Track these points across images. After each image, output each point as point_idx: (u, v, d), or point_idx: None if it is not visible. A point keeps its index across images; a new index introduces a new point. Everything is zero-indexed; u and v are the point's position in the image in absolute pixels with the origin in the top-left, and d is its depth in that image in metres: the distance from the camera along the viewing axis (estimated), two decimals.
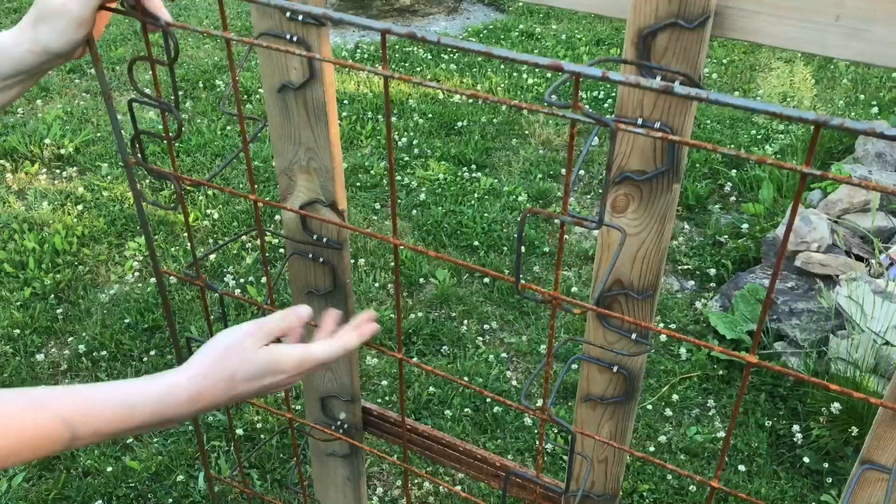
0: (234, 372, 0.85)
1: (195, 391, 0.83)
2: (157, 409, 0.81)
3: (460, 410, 2.71)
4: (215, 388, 0.84)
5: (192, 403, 0.83)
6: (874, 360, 2.57)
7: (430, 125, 4.36)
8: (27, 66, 0.81)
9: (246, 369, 0.85)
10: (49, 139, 4.09)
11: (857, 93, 4.69)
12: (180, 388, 0.82)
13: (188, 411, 0.83)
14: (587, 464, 1.18)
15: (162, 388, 0.82)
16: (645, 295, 1.01)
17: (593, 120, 0.64)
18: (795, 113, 0.57)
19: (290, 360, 0.87)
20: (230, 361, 0.85)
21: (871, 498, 0.99)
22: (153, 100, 0.85)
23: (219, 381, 0.84)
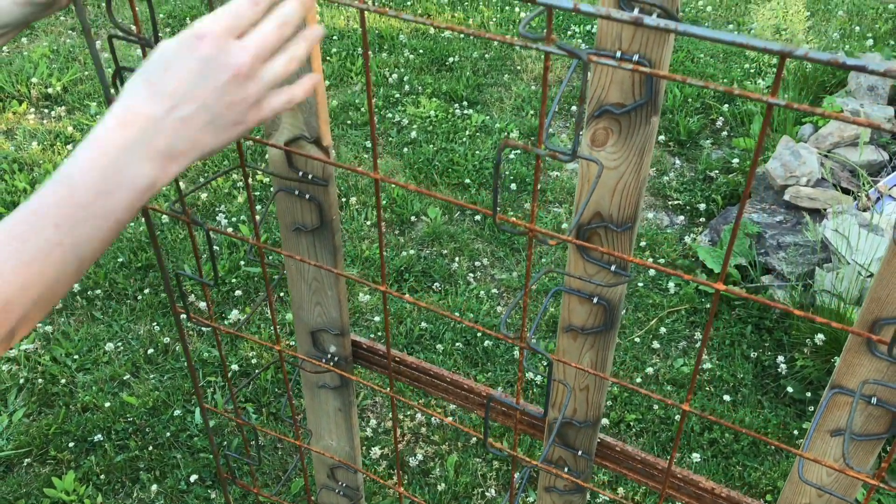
0: (148, 71, 0.66)
1: (120, 107, 0.65)
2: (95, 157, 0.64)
3: (452, 345, 2.76)
4: (139, 99, 0.65)
5: (124, 127, 0.64)
6: (858, 292, 2.61)
7: (421, 61, 4.32)
8: (13, 19, 0.81)
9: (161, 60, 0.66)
10: (36, 78, 4.04)
11: (852, 25, 4.65)
12: (107, 116, 0.66)
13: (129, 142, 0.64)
14: (568, 391, 1.22)
15: (90, 134, 0.66)
16: (624, 227, 1.02)
17: (566, 52, 0.64)
18: (760, 43, 0.58)
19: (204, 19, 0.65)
20: (150, 58, 0.67)
21: (839, 420, 1.03)
22: (133, 35, 0.85)
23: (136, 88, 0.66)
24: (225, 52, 0.65)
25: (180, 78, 0.65)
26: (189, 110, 0.65)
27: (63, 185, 0.63)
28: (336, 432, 1.64)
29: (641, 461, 1.31)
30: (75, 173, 0.64)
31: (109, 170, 0.64)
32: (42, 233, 0.62)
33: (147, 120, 0.65)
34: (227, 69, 0.65)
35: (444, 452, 2.44)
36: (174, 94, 0.65)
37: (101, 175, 0.64)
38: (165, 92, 0.65)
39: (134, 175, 0.65)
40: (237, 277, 3.00)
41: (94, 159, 0.64)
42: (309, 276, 1.39)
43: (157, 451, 2.42)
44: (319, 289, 1.40)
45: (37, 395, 2.56)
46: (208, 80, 0.65)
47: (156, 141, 0.65)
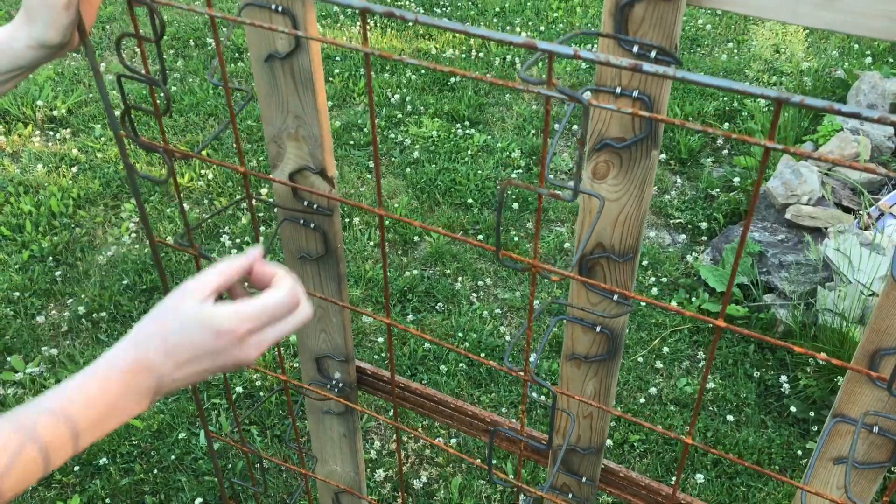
0: (166, 334, 0.75)
1: (131, 358, 0.75)
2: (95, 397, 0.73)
3: (455, 366, 2.77)
4: (152, 354, 0.75)
5: (133, 375, 0.74)
6: (860, 311, 2.62)
7: (422, 81, 4.35)
8: (26, 62, 0.84)
9: (180, 330, 0.75)
10: (41, 101, 4.08)
11: (850, 42, 4.67)
12: (109, 361, 0.75)
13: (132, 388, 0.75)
14: (572, 419, 1.23)
15: (91, 369, 0.75)
16: (626, 258, 1.04)
17: (567, 97, 0.66)
18: (757, 90, 0.60)
19: (230, 315, 0.75)
20: (162, 322, 0.76)
21: (841, 448, 1.03)
22: (141, 75, 0.87)
23: (150, 343, 0.75)
24: (241, 349, 0.78)
25: (193, 350, 0.76)
26: (191, 373, 0.77)
27: (61, 417, 0.72)
28: (341, 458, 1.64)
29: (646, 487, 1.31)
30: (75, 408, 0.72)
31: (108, 408, 0.74)
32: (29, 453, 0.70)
33: (153, 375, 0.76)
34: (234, 360, 0.78)
35: (449, 475, 2.44)
36: (184, 361, 0.76)
37: (99, 413, 0.74)
38: (176, 356, 0.76)
39: (126, 410, 0.76)
40: None
41: (96, 397, 0.73)
42: (314, 303, 1.40)
43: (161, 474, 2.42)
44: (324, 316, 1.41)
45: None
46: (216, 361, 0.77)
47: (153, 388, 0.76)
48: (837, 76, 4.21)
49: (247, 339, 0.77)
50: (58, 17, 0.81)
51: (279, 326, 0.79)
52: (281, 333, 0.80)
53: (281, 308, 0.79)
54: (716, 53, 4.70)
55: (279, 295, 0.79)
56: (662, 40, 0.85)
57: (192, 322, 0.76)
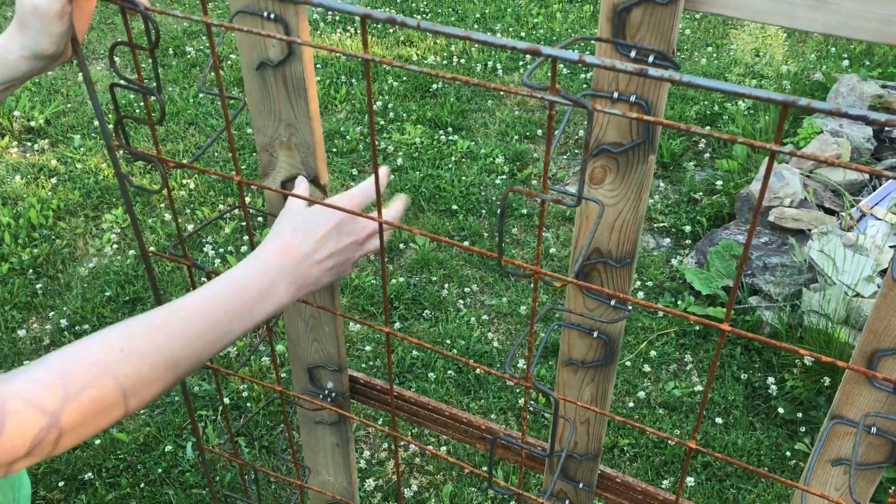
0: (296, 224, 0.91)
1: (278, 242, 0.89)
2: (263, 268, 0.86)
3: (444, 373, 2.76)
4: (291, 239, 0.89)
5: (282, 254, 0.88)
6: (845, 311, 2.64)
7: (405, 88, 4.34)
8: (20, 73, 0.82)
9: (308, 217, 0.92)
10: (18, 111, 4.03)
11: (828, 46, 4.73)
12: (268, 246, 0.89)
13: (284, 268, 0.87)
14: (570, 426, 1.22)
15: (252, 255, 0.88)
16: (623, 263, 1.03)
17: (571, 102, 0.66)
18: (764, 94, 0.60)
19: (339, 197, 0.96)
20: (290, 220, 0.92)
21: (839, 450, 1.04)
22: (135, 84, 0.85)
23: (287, 233, 0.90)
24: (354, 222, 0.95)
25: (324, 231, 0.92)
26: (324, 255, 0.92)
27: (236, 284, 0.85)
28: (333, 468, 1.63)
29: (642, 492, 1.31)
30: (244, 278, 0.86)
31: (268, 284, 0.87)
32: (217, 314, 0.82)
33: (298, 254, 0.90)
34: (352, 234, 0.95)
35: (440, 482, 2.43)
36: (319, 240, 0.91)
37: (262, 285, 0.86)
38: (314, 238, 0.91)
39: (280, 294, 0.88)
40: None
41: (259, 273, 0.87)
42: (306, 312, 1.39)
43: (148, 487, 2.39)
44: (317, 325, 1.40)
45: None
46: (341, 239, 0.93)
47: (301, 274, 0.90)
48: (816, 79, 4.26)
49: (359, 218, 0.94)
50: (51, 26, 0.79)
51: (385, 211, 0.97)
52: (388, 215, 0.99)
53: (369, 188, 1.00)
54: (695, 58, 4.73)
55: (361, 185, 1.00)
56: (660, 45, 0.85)
57: (315, 209, 0.93)
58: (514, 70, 4.58)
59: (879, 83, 3.87)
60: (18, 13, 0.80)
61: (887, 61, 4.40)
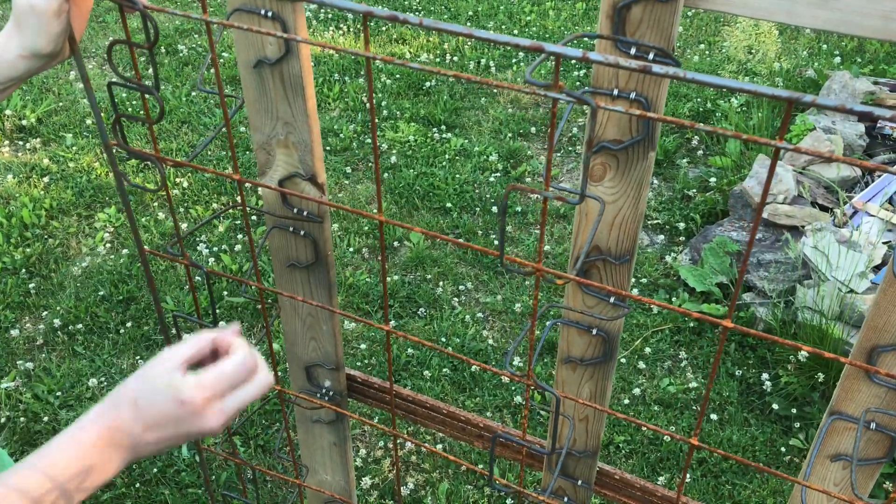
0: (137, 398, 0.81)
1: (105, 423, 0.80)
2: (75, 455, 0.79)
3: (439, 371, 2.76)
4: (122, 417, 0.81)
5: (110, 433, 0.80)
6: (839, 307, 2.65)
7: (398, 86, 4.34)
8: (18, 72, 0.81)
9: (149, 396, 0.81)
10: (10, 110, 4.00)
11: (819, 43, 4.74)
12: (88, 421, 0.81)
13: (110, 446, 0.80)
14: (569, 423, 1.22)
15: (72, 429, 0.80)
16: (622, 260, 1.03)
17: (575, 99, 0.65)
18: (769, 91, 0.60)
19: (190, 384, 0.80)
20: (136, 387, 0.82)
21: (838, 446, 1.04)
22: (134, 83, 0.85)
23: (123, 407, 0.81)
24: (202, 418, 0.82)
25: (160, 416, 0.81)
26: (160, 437, 0.82)
27: (45, 473, 0.78)
28: (331, 466, 1.63)
29: (641, 488, 1.31)
30: (59, 463, 0.78)
31: (87, 464, 0.80)
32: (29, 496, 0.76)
33: (125, 435, 0.81)
34: (198, 428, 0.82)
35: (436, 480, 2.43)
36: (153, 424, 0.81)
37: (80, 467, 0.79)
38: (145, 419, 0.81)
39: (106, 467, 0.81)
40: (220, 308, 2.98)
41: (77, 458, 0.79)
42: (303, 311, 1.38)
43: (144, 487, 2.38)
44: (314, 324, 1.39)
45: (19, 434, 2.52)
46: (180, 428, 0.82)
47: (128, 448, 0.82)
48: (808, 76, 4.27)
49: (207, 407, 0.81)
50: (48, 25, 0.79)
51: (239, 394, 0.83)
52: (242, 401, 0.84)
53: (237, 372, 0.83)
54: (688, 55, 4.74)
55: (234, 360, 0.83)
56: (660, 41, 0.85)
57: (159, 389, 0.81)
58: (508, 67, 4.58)
59: (871, 80, 3.89)
60: (15, 12, 0.80)
61: (878, 58, 4.41)
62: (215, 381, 0.82)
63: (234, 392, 0.83)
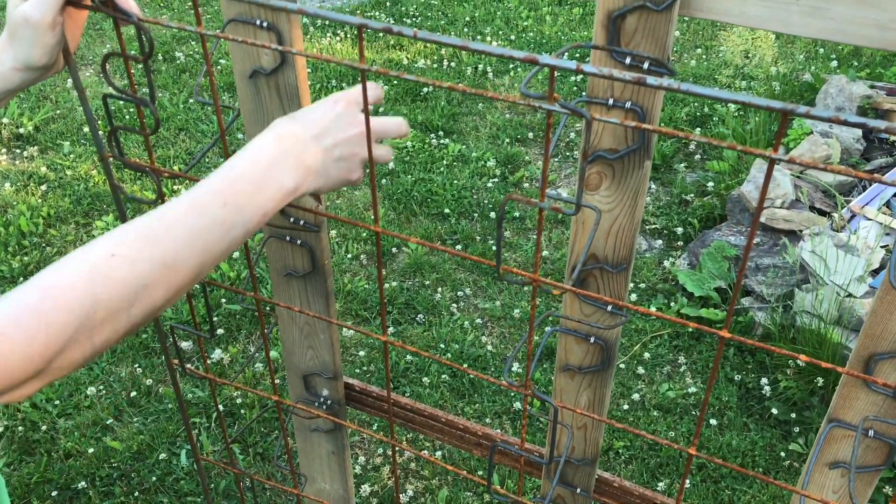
0: (294, 115, 0.85)
1: (274, 129, 0.82)
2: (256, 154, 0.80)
3: (438, 377, 2.75)
4: (288, 126, 0.83)
5: (280, 140, 0.81)
6: (838, 312, 2.65)
7: (395, 92, 4.34)
8: (12, 85, 0.81)
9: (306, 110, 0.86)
10: (7, 118, 4.01)
11: (816, 47, 4.75)
12: (263, 134, 0.82)
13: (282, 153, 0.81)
14: (568, 431, 1.22)
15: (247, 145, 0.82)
16: (619, 268, 1.03)
17: (570, 111, 0.65)
18: (763, 102, 0.60)
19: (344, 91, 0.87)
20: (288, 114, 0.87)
21: (837, 453, 1.04)
22: (129, 95, 0.85)
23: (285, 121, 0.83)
24: (354, 114, 0.86)
25: (323, 118, 0.85)
26: (328, 143, 0.84)
27: (229, 176, 0.77)
28: (329, 475, 1.62)
29: (640, 496, 1.31)
30: (239, 168, 0.78)
31: (266, 170, 0.79)
32: (213, 208, 0.75)
33: (297, 139, 0.82)
34: (354, 125, 0.86)
35: (435, 487, 2.43)
36: (319, 127, 0.84)
37: (259, 172, 0.79)
38: (312, 123, 0.84)
39: (283, 179, 0.80)
40: (218, 316, 2.98)
41: (254, 161, 0.79)
42: (301, 320, 1.38)
43: (143, 496, 2.38)
44: (311, 333, 1.39)
45: (17, 444, 2.51)
46: (342, 128, 0.85)
47: (302, 156, 0.82)
48: (805, 80, 4.28)
49: (356, 108, 0.86)
50: (43, 37, 0.79)
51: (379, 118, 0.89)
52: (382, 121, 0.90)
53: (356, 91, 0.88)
54: (685, 59, 4.74)
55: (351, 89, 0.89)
56: (655, 51, 0.85)
57: (312, 105, 0.87)
58: (505, 73, 4.59)
59: (868, 83, 3.89)
60: (9, 24, 0.80)
61: (875, 62, 4.42)
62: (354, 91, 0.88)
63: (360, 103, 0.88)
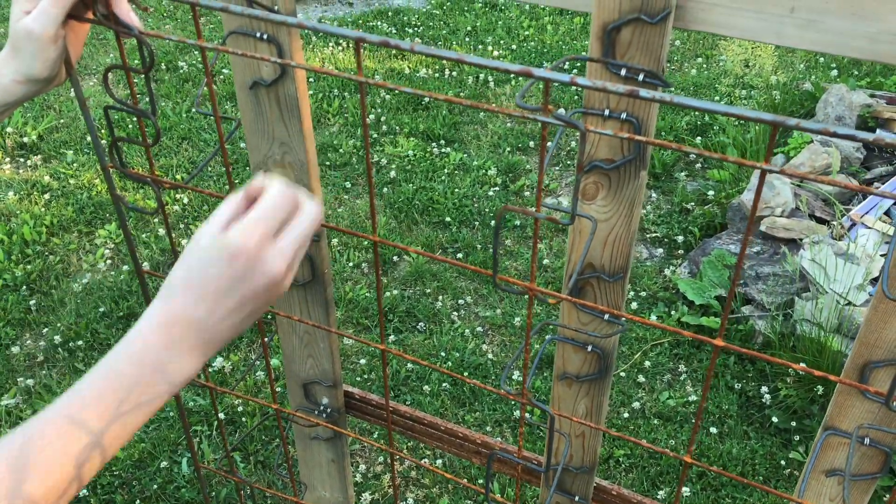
0: (189, 279, 0.71)
1: (163, 308, 0.71)
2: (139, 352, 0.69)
3: (438, 385, 2.76)
4: (180, 301, 0.71)
5: (168, 328, 0.70)
6: (837, 320, 2.65)
7: (397, 101, 4.36)
8: (14, 97, 0.82)
9: (201, 270, 0.71)
10: (11, 127, 4.03)
11: (816, 56, 4.76)
12: (150, 315, 0.71)
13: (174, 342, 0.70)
14: (565, 439, 1.23)
15: (133, 330, 0.71)
16: (616, 277, 1.04)
17: (564, 123, 0.66)
18: (753, 114, 0.61)
19: (235, 233, 0.70)
20: (185, 269, 0.72)
21: (833, 461, 1.04)
22: (130, 107, 0.86)
23: (177, 294, 0.71)
24: (262, 263, 0.71)
25: (219, 283, 0.71)
26: (228, 310, 0.72)
27: (108, 378, 0.68)
28: (329, 483, 1.63)
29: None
30: (120, 367, 0.69)
31: (154, 365, 0.69)
32: (92, 424, 0.66)
33: (190, 322, 0.71)
34: (263, 277, 0.72)
35: (436, 496, 2.43)
36: (215, 296, 0.71)
37: (146, 369, 0.69)
38: (204, 295, 0.71)
39: (176, 369, 0.71)
40: None
41: (139, 354, 0.69)
42: (300, 328, 1.39)
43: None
44: (311, 341, 1.40)
45: None
46: (246, 286, 0.71)
47: (198, 339, 0.71)
48: (805, 89, 4.29)
49: (263, 251, 0.71)
50: (44, 50, 0.80)
51: (292, 229, 0.73)
52: (298, 235, 0.73)
53: (277, 205, 0.73)
54: (686, 69, 4.76)
55: (272, 192, 0.73)
56: (650, 63, 0.86)
57: (208, 258, 0.71)
58: (506, 83, 4.60)
59: (868, 92, 3.90)
60: (12, 38, 0.81)
61: (875, 71, 4.43)
62: (259, 220, 0.71)
63: (285, 230, 0.73)
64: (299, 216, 0.74)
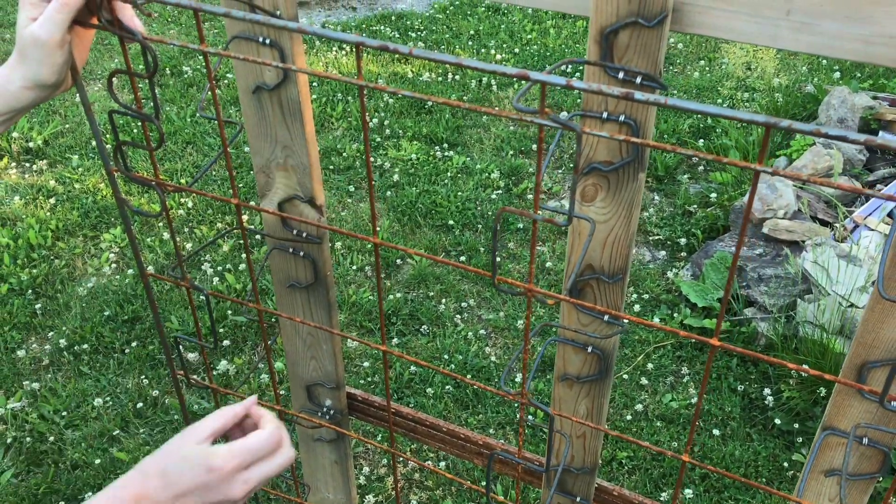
0: (166, 468, 0.85)
1: (136, 490, 0.84)
2: None
3: (442, 388, 2.77)
4: (151, 486, 0.84)
5: (138, 500, 0.83)
6: (840, 322, 2.66)
7: (400, 105, 4.37)
8: (22, 103, 0.84)
9: (179, 466, 0.85)
10: (17, 132, 4.05)
11: (818, 58, 4.77)
12: (125, 485, 0.84)
13: None
14: (566, 440, 1.24)
15: (108, 491, 0.84)
16: (615, 279, 1.05)
17: (561, 125, 0.67)
18: (746, 116, 0.62)
19: (221, 453, 0.86)
20: (165, 458, 0.86)
21: (832, 461, 1.05)
22: (134, 111, 0.87)
23: (152, 477, 0.84)
24: (227, 485, 0.86)
25: (190, 484, 0.85)
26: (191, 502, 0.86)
27: None
28: (332, 485, 1.64)
29: None
30: None
31: None
32: None
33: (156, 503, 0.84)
34: (223, 496, 0.86)
35: (439, 498, 2.44)
36: (180, 493, 0.85)
37: None
38: (174, 489, 0.85)
39: None
40: (224, 327, 3.00)
41: None
42: (304, 331, 1.40)
43: None
44: (314, 343, 1.41)
45: (25, 455, 2.53)
46: (207, 496, 0.86)
47: None
48: (808, 91, 4.29)
49: (233, 476, 0.86)
50: (51, 56, 0.81)
51: (263, 467, 0.89)
52: (264, 474, 0.89)
53: (263, 446, 0.89)
54: (688, 71, 4.77)
55: (263, 434, 0.89)
56: (647, 66, 0.87)
57: (189, 458, 0.86)
58: (509, 86, 4.62)
59: (870, 94, 3.91)
60: (19, 44, 0.82)
61: (878, 73, 4.44)
62: (244, 451, 0.87)
63: (258, 464, 0.89)
64: (276, 458, 0.91)
